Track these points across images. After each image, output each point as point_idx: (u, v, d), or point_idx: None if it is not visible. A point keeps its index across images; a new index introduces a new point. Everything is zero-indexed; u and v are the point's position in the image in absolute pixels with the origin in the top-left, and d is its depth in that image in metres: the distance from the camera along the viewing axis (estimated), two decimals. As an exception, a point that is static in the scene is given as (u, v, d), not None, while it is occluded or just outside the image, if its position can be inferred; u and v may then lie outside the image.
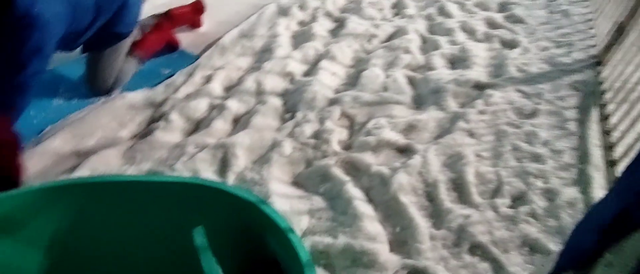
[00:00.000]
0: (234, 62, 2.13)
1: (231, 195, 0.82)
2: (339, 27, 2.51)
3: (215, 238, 0.75)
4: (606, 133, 1.68)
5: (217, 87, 1.93)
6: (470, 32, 2.46)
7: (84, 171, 1.42)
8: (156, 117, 1.76)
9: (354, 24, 2.47)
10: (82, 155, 1.51)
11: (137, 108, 1.78)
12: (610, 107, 1.79)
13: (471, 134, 1.68)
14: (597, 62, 2.16)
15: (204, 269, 0.72)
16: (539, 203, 1.38)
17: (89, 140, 1.58)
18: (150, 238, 0.84)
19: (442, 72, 2.04)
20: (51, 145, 1.52)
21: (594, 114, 1.81)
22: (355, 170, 1.52)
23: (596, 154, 1.58)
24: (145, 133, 1.66)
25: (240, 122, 1.75)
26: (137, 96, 1.83)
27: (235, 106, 1.80)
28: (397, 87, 1.93)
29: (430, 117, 1.75)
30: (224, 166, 1.51)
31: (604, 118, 1.76)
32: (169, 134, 1.64)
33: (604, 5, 2.52)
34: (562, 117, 1.80)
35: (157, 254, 0.82)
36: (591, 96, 1.92)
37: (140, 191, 0.83)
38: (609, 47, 2.11)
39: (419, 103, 1.91)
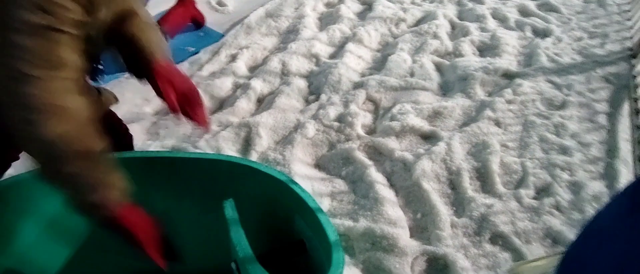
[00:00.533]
0: (259, 42, 2.14)
1: (262, 173, 0.84)
2: (366, 10, 2.47)
3: (244, 214, 0.77)
4: (637, 127, 1.63)
5: (241, 66, 1.95)
6: (501, 19, 2.38)
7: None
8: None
9: (382, 6, 2.43)
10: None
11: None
12: (645, 102, 1.73)
13: (498, 123, 1.66)
14: (632, 54, 2.08)
15: (232, 240, 0.74)
16: (564, 195, 1.36)
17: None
18: (183, 212, 0.87)
19: (471, 59, 2.00)
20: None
21: (626, 108, 1.75)
22: (378, 154, 1.52)
23: (625, 148, 1.54)
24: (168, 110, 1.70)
25: (264, 102, 1.77)
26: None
27: (259, 86, 1.81)
28: (423, 72, 1.91)
29: (457, 104, 1.73)
30: (247, 145, 1.54)
31: (636, 112, 1.71)
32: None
33: (644, -5, 2.40)
34: (592, 109, 1.75)
35: (190, 229, 0.85)
36: (624, 89, 1.86)
37: (174, 166, 0.85)
38: (647, 38, 2.02)
39: (445, 89, 1.88)
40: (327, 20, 2.36)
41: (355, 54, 2.03)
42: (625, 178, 1.42)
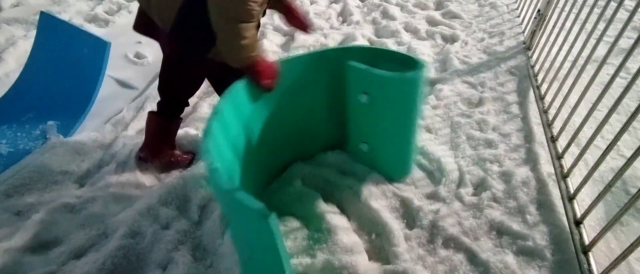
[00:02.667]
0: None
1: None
2: (289, 40, 2.52)
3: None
4: (544, 111, 1.83)
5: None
6: (413, 31, 2.57)
7: (27, 234, 1.30)
8: (107, 159, 1.65)
9: (303, 36, 2.49)
10: (24, 216, 1.39)
11: (83, 153, 1.66)
12: (544, 87, 1.95)
13: (429, 129, 1.76)
14: (527, 47, 2.35)
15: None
16: (498, 186, 1.47)
17: (28, 198, 1.45)
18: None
19: (392, 74, 2.11)
20: None
21: (531, 95, 1.96)
22: (325, 183, 1.52)
23: (539, 132, 1.72)
24: (95, 179, 1.55)
25: (199, 153, 1.69)
26: (82, 139, 1.71)
27: (192, 134, 1.74)
28: (352, 93, 1.97)
29: (388, 119, 1.80)
30: (186, 201, 1.45)
31: (541, 97, 1.92)
32: (124, 175, 1.54)
33: (525, -6, 2.76)
34: (505, 101, 1.93)
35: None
36: (526, 79, 2.09)
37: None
38: (534, 32, 2.31)
39: (375, 106, 1.96)
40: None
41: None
42: (544, 159, 1.57)
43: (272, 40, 2.50)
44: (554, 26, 2.03)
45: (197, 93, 1.72)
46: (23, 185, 1.49)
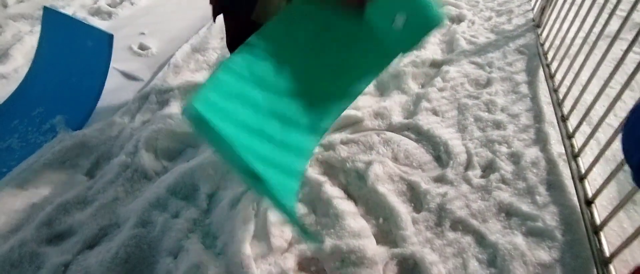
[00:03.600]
0: (190, 79, 2.06)
1: None
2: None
3: None
4: (554, 90, 1.79)
5: (175, 108, 1.87)
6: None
7: (42, 225, 1.33)
8: (115, 151, 1.67)
9: None
10: (38, 208, 1.42)
11: (92, 146, 1.68)
12: (554, 65, 1.90)
13: (435, 112, 1.73)
14: (536, 24, 2.29)
15: None
16: (507, 168, 1.45)
17: (42, 190, 1.49)
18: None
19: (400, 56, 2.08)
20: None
21: (541, 74, 1.92)
22: (330, 168, 1.52)
23: (549, 111, 1.68)
24: (105, 171, 1.58)
25: (205, 141, 1.70)
26: (90, 132, 1.73)
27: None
28: (357, 78, 1.95)
29: (395, 102, 1.79)
30: (195, 190, 1.47)
31: (551, 76, 1.87)
32: (132, 166, 1.56)
33: (535, -31, 2.66)
34: (513, 81, 1.89)
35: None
36: (535, 57, 2.04)
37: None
38: (543, 9, 2.24)
39: (382, 89, 1.94)
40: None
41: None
42: (554, 138, 1.54)
43: None
44: (564, 1, 1.97)
45: None
46: (36, 178, 1.52)
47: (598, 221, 1.18)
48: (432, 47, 2.15)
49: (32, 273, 1.22)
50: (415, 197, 1.39)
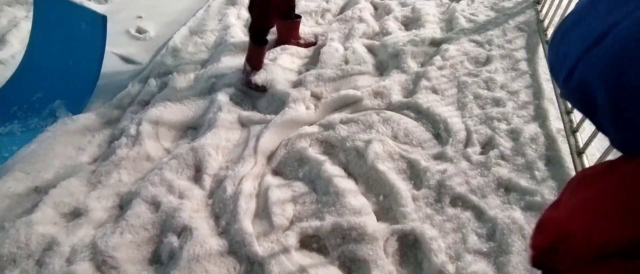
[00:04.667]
0: (190, 61, 2.06)
1: None
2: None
3: None
4: (555, 67, 1.78)
5: (174, 93, 1.86)
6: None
7: (46, 208, 1.35)
8: (116, 134, 1.68)
9: (304, 1, 2.43)
10: (42, 191, 1.44)
11: (93, 130, 1.69)
12: (556, 42, 1.88)
13: (435, 90, 1.73)
14: (536, 1, 2.26)
15: None
16: (506, 144, 1.46)
17: (45, 174, 1.50)
18: None
19: (398, 35, 2.06)
20: (3, 187, 1.42)
21: (541, 50, 1.90)
22: (330, 147, 1.53)
23: (548, 88, 1.68)
24: (107, 154, 1.59)
25: (205, 123, 1.71)
26: (91, 116, 1.73)
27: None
28: (357, 57, 1.94)
29: (394, 81, 1.78)
30: (197, 170, 1.48)
31: (552, 53, 1.86)
32: (134, 149, 1.57)
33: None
34: (513, 58, 1.88)
35: None
36: (535, 34, 2.02)
37: None
38: (546, -16, 2.20)
39: (381, 69, 1.93)
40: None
41: (288, 53, 2.02)
42: (553, 115, 1.54)
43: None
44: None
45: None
46: (39, 161, 1.53)
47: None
48: (431, 26, 2.13)
49: (39, 255, 1.25)
50: (415, 174, 1.41)
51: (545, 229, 0.44)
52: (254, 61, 1.83)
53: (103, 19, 1.76)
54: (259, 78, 1.82)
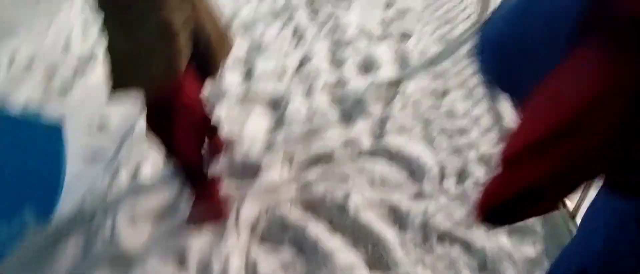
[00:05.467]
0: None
1: None
2: (247, 76, 2.52)
3: None
4: (508, 86, 1.88)
5: (147, 174, 1.84)
6: (369, 35, 2.62)
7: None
8: (93, 231, 1.62)
9: (263, 63, 2.51)
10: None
11: (66, 235, 1.62)
12: (503, 63, 2.00)
13: (401, 130, 1.78)
14: (480, 27, 2.43)
15: None
16: (479, 171, 1.50)
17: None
18: None
19: (358, 81, 2.15)
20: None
21: (494, 73, 2.02)
22: (311, 206, 1.52)
23: (507, 107, 1.77)
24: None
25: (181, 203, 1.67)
26: (62, 222, 1.67)
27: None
28: (322, 111, 1.99)
29: (361, 128, 1.83)
30: (181, 257, 1.43)
31: (502, 74, 1.97)
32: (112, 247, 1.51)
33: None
34: (469, 85, 1.98)
35: None
36: (485, 58, 2.15)
37: None
38: (483, 11, 2.38)
39: (347, 118, 1.98)
40: (214, 98, 2.35)
41: (255, 113, 2.05)
42: (516, 133, 1.61)
43: (232, 79, 2.51)
44: None
45: None
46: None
47: (571, 207, 1.23)
48: (387, 67, 2.24)
49: None
50: (398, 218, 1.41)
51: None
52: (212, 200, 1.49)
53: (60, 130, 1.72)
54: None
